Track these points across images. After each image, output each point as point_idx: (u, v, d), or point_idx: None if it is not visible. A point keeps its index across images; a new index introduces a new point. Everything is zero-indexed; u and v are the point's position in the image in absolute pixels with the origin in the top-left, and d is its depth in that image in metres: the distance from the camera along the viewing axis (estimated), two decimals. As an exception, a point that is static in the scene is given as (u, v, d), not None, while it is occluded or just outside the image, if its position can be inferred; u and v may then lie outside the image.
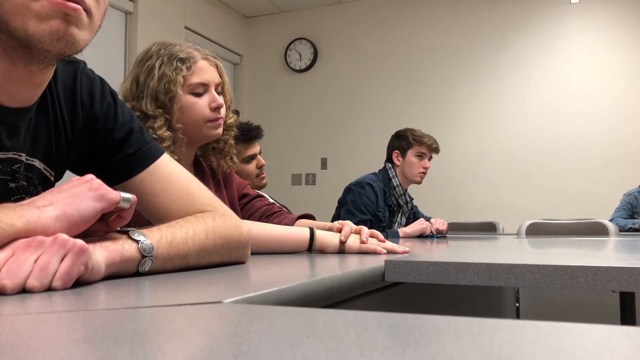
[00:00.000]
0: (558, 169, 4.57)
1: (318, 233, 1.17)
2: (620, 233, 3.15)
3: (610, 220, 3.31)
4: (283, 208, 1.62)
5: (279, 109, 5.45)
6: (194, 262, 0.78)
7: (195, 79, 1.34)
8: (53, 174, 0.85)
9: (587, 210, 4.04)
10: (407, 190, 2.85)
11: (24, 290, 0.54)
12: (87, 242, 0.60)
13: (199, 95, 1.35)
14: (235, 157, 1.52)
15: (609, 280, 0.82)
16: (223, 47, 5.23)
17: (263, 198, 1.65)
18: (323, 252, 1.17)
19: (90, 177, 0.67)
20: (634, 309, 2.11)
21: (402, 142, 2.81)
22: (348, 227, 1.21)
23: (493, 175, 4.76)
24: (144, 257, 0.69)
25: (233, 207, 1.47)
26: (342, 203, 2.72)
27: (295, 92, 5.46)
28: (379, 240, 1.19)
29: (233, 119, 1.50)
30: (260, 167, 2.38)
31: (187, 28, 4.68)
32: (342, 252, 1.16)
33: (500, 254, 1.26)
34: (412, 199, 2.90)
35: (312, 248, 1.16)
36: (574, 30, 4.66)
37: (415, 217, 2.87)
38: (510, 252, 1.39)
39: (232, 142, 1.50)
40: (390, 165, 2.81)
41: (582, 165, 4.51)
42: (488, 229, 3.63)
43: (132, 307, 0.50)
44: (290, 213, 1.58)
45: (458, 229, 3.59)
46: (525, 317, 2.53)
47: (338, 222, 1.26)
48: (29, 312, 0.47)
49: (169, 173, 0.88)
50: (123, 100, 0.92)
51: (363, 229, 1.21)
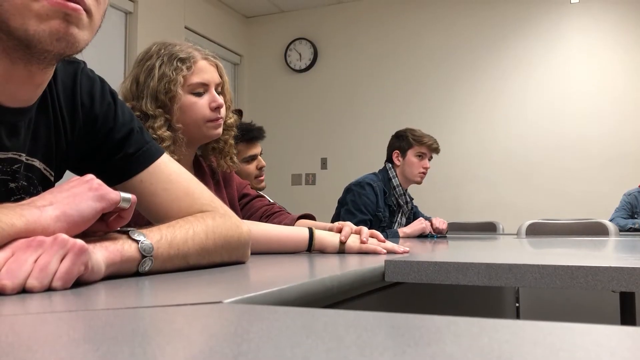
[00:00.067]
0: (558, 169, 4.57)
1: (317, 233, 1.17)
2: (620, 233, 3.15)
3: (610, 220, 3.31)
4: (283, 208, 1.62)
5: (279, 109, 5.45)
6: (194, 262, 0.78)
7: (196, 79, 1.34)
8: (53, 174, 0.85)
9: (587, 210, 4.04)
10: (407, 190, 2.85)
11: (24, 290, 0.54)
12: (87, 242, 0.60)
13: (199, 95, 1.35)
14: (236, 157, 1.52)
15: (609, 280, 0.82)
16: (223, 47, 5.23)
17: (263, 198, 1.65)
18: (323, 252, 1.17)
19: (90, 177, 0.67)
20: (634, 309, 2.11)
21: (402, 142, 2.81)
22: (348, 227, 1.21)
23: (493, 175, 4.76)
24: (144, 257, 0.69)
25: (233, 207, 1.47)
26: (342, 203, 2.72)
27: (295, 92, 5.46)
28: (379, 241, 1.19)
29: (233, 119, 1.50)
30: (261, 168, 2.38)
31: (187, 28, 4.68)
32: (342, 252, 1.16)
33: (500, 254, 1.26)
34: (412, 199, 2.90)
35: (311, 248, 1.16)
36: (574, 30, 4.66)
37: (415, 217, 2.86)
38: (510, 252, 1.39)
39: (232, 142, 1.50)
40: (391, 165, 2.81)
41: (582, 165, 4.51)
42: (488, 229, 3.63)
43: (132, 307, 0.50)
44: (290, 213, 1.58)
45: (458, 229, 3.59)
46: (525, 317, 2.53)
47: (338, 222, 1.26)
48: (29, 312, 0.47)
49: (169, 173, 0.88)
50: (123, 100, 0.92)
51: (363, 229, 1.21)
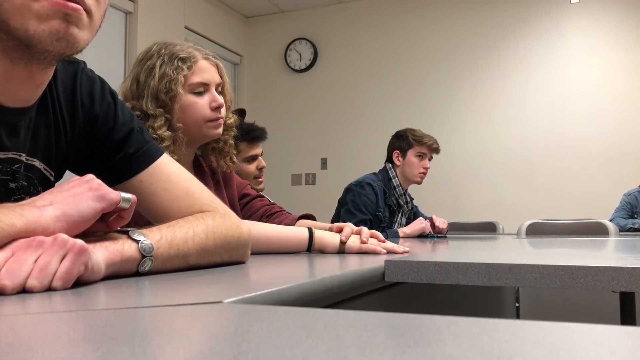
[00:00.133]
0: (558, 169, 4.57)
1: (317, 233, 1.17)
2: (620, 233, 3.15)
3: (610, 220, 3.31)
4: (283, 208, 1.62)
5: (279, 109, 5.45)
6: (194, 262, 0.78)
7: (196, 79, 1.34)
8: (53, 174, 0.85)
9: (587, 210, 4.04)
10: (407, 190, 2.85)
11: (24, 290, 0.54)
12: (87, 242, 0.60)
13: (200, 95, 1.35)
14: (235, 157, 1.52)
15: (609, 280, 0.82)
16: (223, 47, 5.23)
17: (263, 198, 1.65)
18: (323, 252, 1.17)
19: (90, 177, 0.67)
20: (634, 309, 2.11)
21: (402, 142, 2.81)
22: (349, 228, 1.21)
23: (493, 175, 4.76)
24: (144, 257, 0.69)
25: (233, 207, 1.47)
26: (342, 203, 2.72)
27: (295, 92, 5.46)
28: (379, 241, 1.19)
29: (233, 119, 1.50)
30: (261, 169, 2.38)
31: (187, 28, 4.68)
32: (342, 252, 1.16)
33: (500, 254, 1.26)
34: (412, 199, 2.90)
35: (311, 248, 1.16)
36: (574, 30, 4.66)
37: (415, 217, 2.86)
38: (510, 252, 1.39)
39: (231, 142, 1.50)
40: (391, 165, 2.81)
41: (582, 165, 4.51)
42: (488, 229, 3.63)
43: (132, 307, 0.50)
44: (290, 214, 1.58)
45: (458, 229, 3.59)
46: (525, 317, 2.53)
47: (337, 223, 1.26)
48: (29, 312, 0.47)
49: (169, 173, 0.88)
50: (123, 100, 0.92)
51: (363, 230, 1.21)
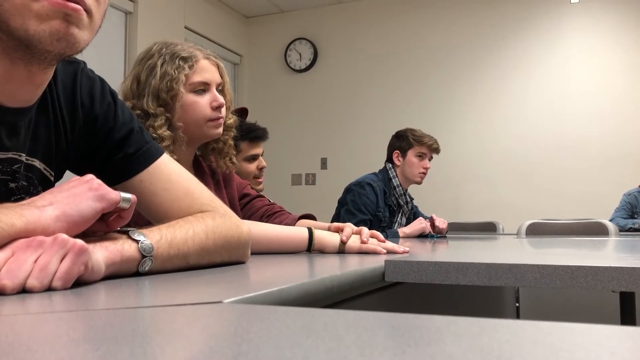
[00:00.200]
0: (558, 169, 4.57)
1: (317, 233, 1.17)
2: (620, 233, 3.15)
3: (610, 220, 3.31)
4: (283, 208, 1.62)
5: (279, 109, 5.45)
6: (194, 262, 0.78)
7: (197, 78, 1.34)
8: (53, 174, 0.85)
9: (587, 210, 4.04)
10: (407, 190, 2.85)
11: (24, 290, 0.54)
12: (87, 242, 0.60)
13: (201, 94, 1.35)
14: (235, 157, 1.52)
15: (609, 280, 0.82)
16: (223, 47, 5.23)
17: (263, 198, 1.65)
18: (323, 252, 1.17)
19: (90, 177, 0.67)
20: (634, 309, 2.11)
21: (402, 142, 2.81)
22: (349, 228, 1.21)
23: (493, 175, 4.76)
24: (144, 257, 0.69)
25: (233, 207, 1.47)
26: (342, 203, 2.72)
27: (295, 92, 5.46)
28: (379, 241, 1.19)
29: (233, 120, 1.50)
30: (261, 168, 2.38)
31: (187, 28, 4.68)
32: (342, 252, 1.16)
33: (500, 254, 1.26)
34: (412, 199, 2.90)
35: (311, 248, 1.16)
36: (574, 30, 4.66)
37: (416, 217, 2.86)
38: (510, 252, 1.39)
39: (231, 142, 1.50)
40: (391, 165, 2.81)
41: (582, 165, 4.51)
42: (488, 229, 3.63)
43: (132, 307, 0.50)
44: (290, 214, 1.58)
45: (458, 229, 3.59)
46: (525, 317, 2.53)
47: (335, 223, 1.27)
48: (29, 312, 0.47)
49: (169, 173, 0.88)
50: (123, 99, 0.92)
51: (363, 230, 1.21)
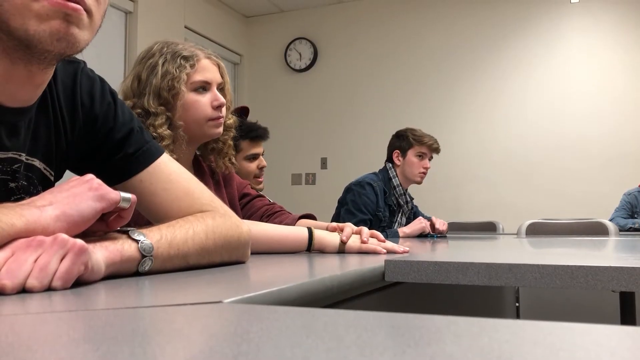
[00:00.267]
0: (558, 169, 4.57)
1: (317, 233, 1.17)
2: (620, 233, 3.15)
3: (610, 220, 3.31)
4: (283, 208, 1.62)
5: (279, 109, 5.45)
6: (194, 262, 0.78)
7: (199, 77, 1.34)
8: (53, 174, 0.85)
9: (587, 210, 4.04)
10: (407, 190, 2.85)
11: (24, 290, 0.54)
12: (87, 242, 0.60)
13: (201, 94, 1.35)
14: (235, 157, 1.52)
15: (609, 280, 0.82)
16: (223, 46, 5.23)
17: (263, 198, 1.65)
18: (323, 251, 1.17)
19: (90, 177, 0.67)
20: (634, 309, 2.11)
21: (402, 142, 2.81)
22: (350, 228, 1.21)
23: (493, 175, 4.75)
24: (144, 256, 0.69)
25: (233, 206, 1.47)
26: (342, 203, 2.72)
27: (295, 92, 5.46)
28: (379, 240, 1.19)
29: (232, 120, 1.51)
30: (261, 168, 2.38)
31: (187, 28, 4.68)
32: (342, 251, 1.16)
33: (500, 254, 1.26)
34: (412, 199, 2.90)
35: (311, 248, 1.16)
36: (574, 30, 4.66)
37: (416, 216, 2.86)
38: (510, 252, 1.39)
39: (230, 142, 1.50)
40: (391, 165, 2.81)
41: (582, 165, 4.51)
42: (488, 229, 3.63)
43: (132, 307, 0.50)
44: (290, 213, 1.58)
45: (458, 229, 3.59)
46: (525, 317, 2.53)
47: (333, 223, 1.27)
48: (29, 312, 0.47)
49: (169, 173, 0.88)
50: (123, 98, 0.92)
51: (363, 229, 1.21)
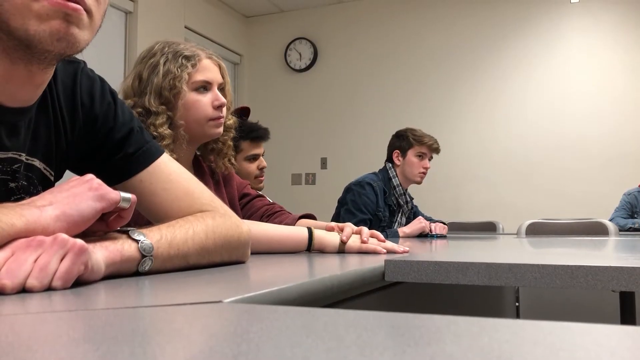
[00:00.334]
0: (558, 169, 4.57)
1: (317, 232, 1.17)
2: (620, 233, 3.15)
3: (610, 220, 3.31)
4: (283, 208, 1.62)
5: (279, 109, 5.45)
6: (194, 261, 0.78)
7: (200, 77, 1.35)
8: (53, 174, 0.85)
9: (587, 210, 4.04)
10: (407, 190, 2.85)
11: (24, 290, 0.54)
12: (87, 242, 0.60)
13: (202, 93, 1.36)
14: (234, 158, 1.52)
15: (609, 280, 0.82)
16: (223, 46, 5.23)
17: (263, 198, 1.65)
18: (322, 251, 1.17)
19: (90, 176, 0.67)
20: (634, 309, 2.11)
21: (402, 142, 2.81)
22: (350, 228, 1.21)
23: (493, 175, 4.75)
24: (144, 256, 0.69)
25: (233, 206, 1.47)
26: (342, 203, 2.72)
27: (295, 92, 5.46)
28: (379, 240, 1.19)
29: (232, 121, 1.51)
30: (262, 168, 2.38)
31: (187, 28, 4.68)
32: (342, 251, 1.16)
33: (500, 254, 1.26)
34: (412, 199, 2.90)
35: (311, 248, 1.16)
36: (574, 30, 4.66)
37: (415, 216, 2.86)
38: (510, 251, 1.39)
39: (230, 143, 1.50)
40: (391, 165, 2.81)
41: (582, 165, 4.51)
42: (488, 229, 3.63)
43: (132, 307, 0.50)
44: (290, 213, 1.58)
45: (458, 229, 3.59)
46: (525, 317, 2.53)
47: (332, 223, 1.27)
48: (29, 311, 0.47)
49: (169, 173, 0.88)
50: (124, 98, 0.92)
51: (363, 229, 1.21)
